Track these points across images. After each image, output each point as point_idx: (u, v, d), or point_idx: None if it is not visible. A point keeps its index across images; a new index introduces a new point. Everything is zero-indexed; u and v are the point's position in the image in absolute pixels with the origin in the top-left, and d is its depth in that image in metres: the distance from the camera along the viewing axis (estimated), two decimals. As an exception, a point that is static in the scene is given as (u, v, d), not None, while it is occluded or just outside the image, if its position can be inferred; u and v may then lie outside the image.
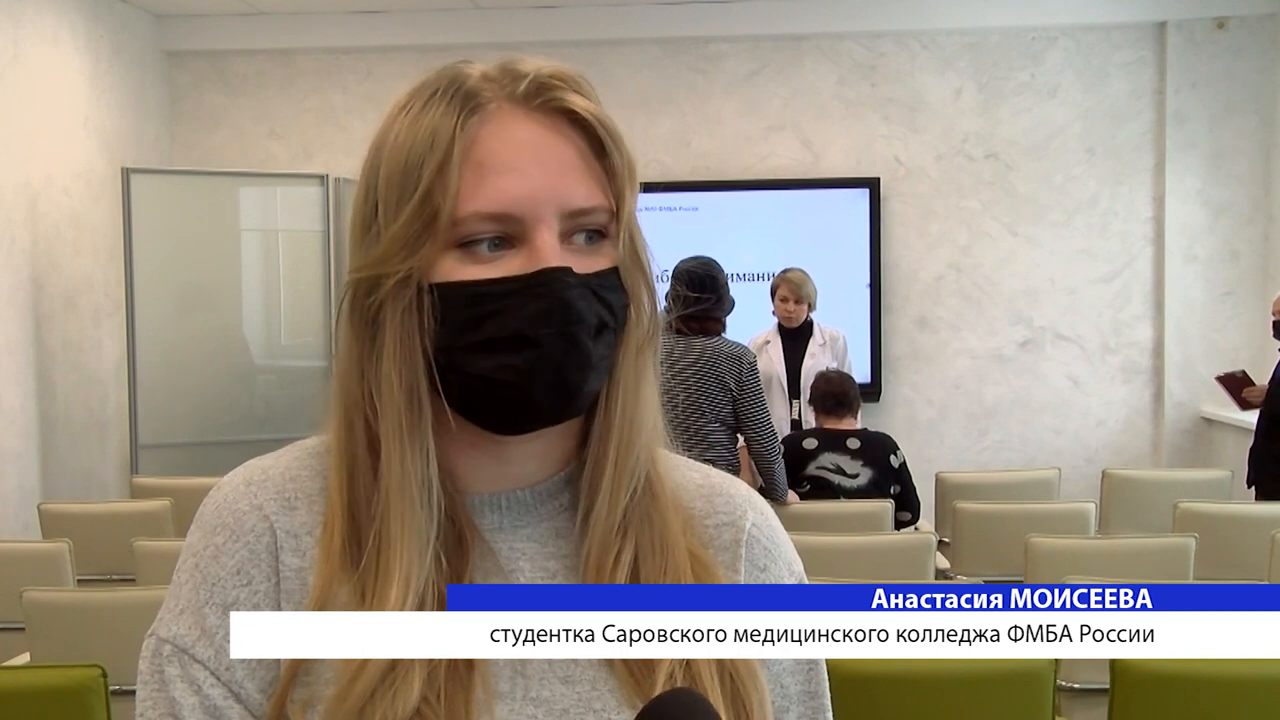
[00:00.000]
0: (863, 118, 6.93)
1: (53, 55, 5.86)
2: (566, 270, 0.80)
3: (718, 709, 0.81)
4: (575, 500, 0.88)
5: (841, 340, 5.40)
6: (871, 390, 6.66)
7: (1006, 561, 3.80)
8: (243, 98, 7.15)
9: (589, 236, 0.83)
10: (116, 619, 2.86)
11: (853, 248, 6.86)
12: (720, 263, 4.32)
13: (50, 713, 2.28)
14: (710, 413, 4.11)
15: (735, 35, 6.89)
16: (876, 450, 4.36)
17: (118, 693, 2.37)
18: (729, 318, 4.32)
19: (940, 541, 4.26)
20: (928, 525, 4.76)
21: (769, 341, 5.31)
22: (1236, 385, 5.85)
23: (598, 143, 0.83)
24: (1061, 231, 6.87)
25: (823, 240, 6.79)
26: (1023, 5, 6.75)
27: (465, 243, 0.81)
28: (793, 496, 4.23)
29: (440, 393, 0.82)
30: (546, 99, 0.82)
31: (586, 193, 0.82)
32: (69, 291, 5.99)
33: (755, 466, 4.20)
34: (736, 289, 4.42)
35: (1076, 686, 3.00)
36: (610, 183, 0.83)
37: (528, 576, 0.86)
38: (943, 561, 4.21)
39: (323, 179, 6.32)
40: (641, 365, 0.87)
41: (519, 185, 0.80)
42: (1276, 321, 5.16)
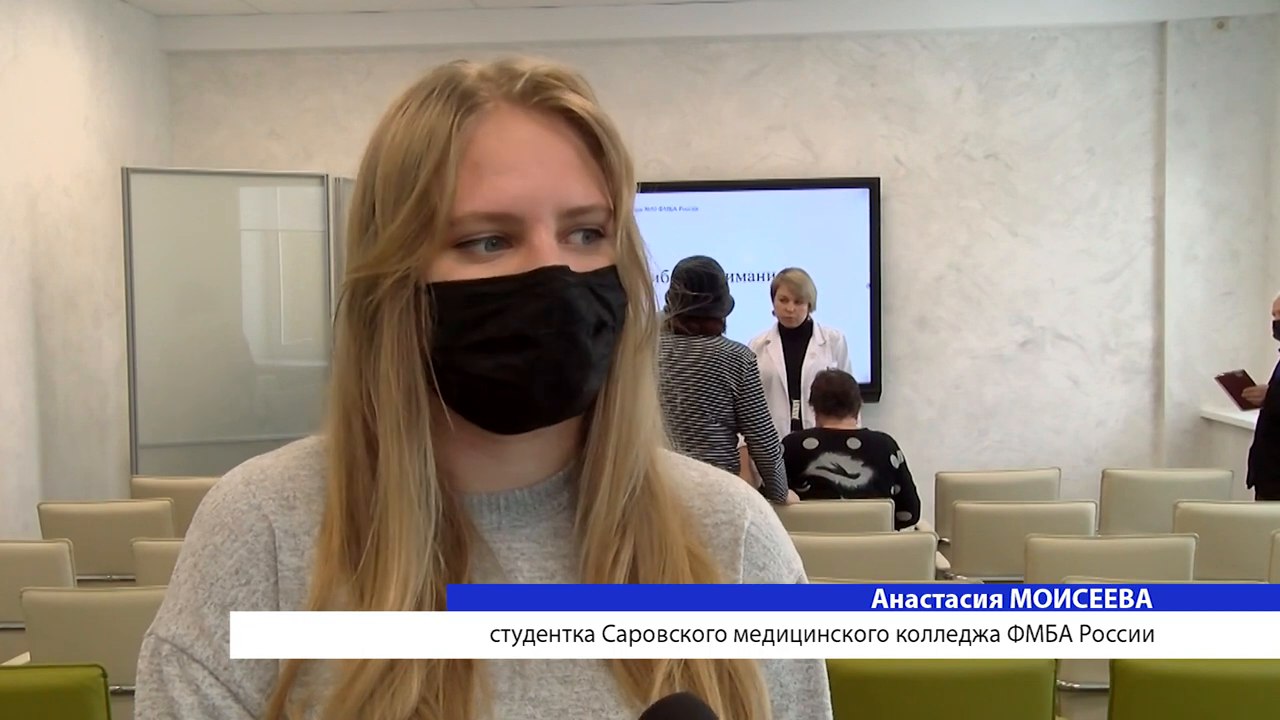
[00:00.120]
0: (863, 118, 6.93)
1: (53, 55, 5.86)
2: (564, 269, 0.80)
3: (716, 708, 0.81)
4: (574, 500, 0.88)
5: (841, 340, 5.40)
6: (871, 390, 6.66)
7: (1006, 561, 3.80)
8: (243, 98, 7.15)
9: (586, 236, 0.83)
10: (116, 619, 2.86)
11: (853, 248, 6.86)
12: (720, 263, 4.32)
13: (50, 713, 2.28)
14: (710, 412, 4.11)
15: (735, 35, 6.89)
16: (877, 450, 4.36)
17: (118, 693, 2.37)
18: (729, 318, 4.32)
19: (940, 541, 4.26)
20: (928, 525, 4.76)
21: (769, 341, 5.31)
22: (1236, 385, 5.85)
23: (595, 141, 0.83)
24: (1061, 231, 6.87)
25: (823, 240, 6.79)
26: (1023, 5, 6.75)
27: (463, 242, 0.80)
28: (793, 496, 4.23)
29: (438, 392, 0.82)
30: (544, 98, 0.82)
31: (584, 191, 0.82)
32: (69, 291, 5.99)
33: (755, 466, 4.20)
34: (736, 289, 4.42)
35: (1076, 686, 3.00)
36: (608, 181, 0.83)
37: (526, 576, 0.86)
38: (943, 561, 4.21)
39: (323, 179, 6.32)
40: (640, 364, 0.87)
41: (517, 185, 0.80)
42: (1276, 321, 5.16)
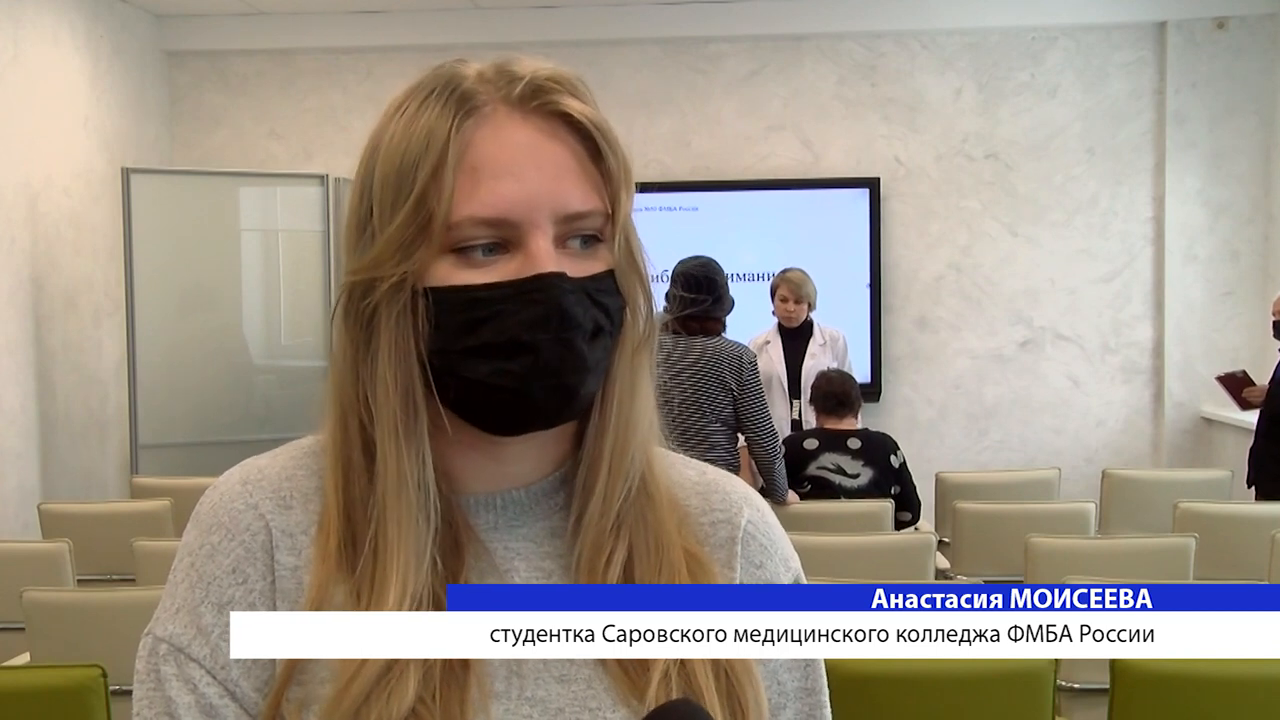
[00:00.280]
0: (863, 118, 6.93)
1: (53, 55, 5.86)
2: (561, 276, 0.80)
3: (713, 707, 0.81)
4: (570, 500, 0.88)
5: (842, 340, 5.40)
6: (871, 390, 6.66)
7: (1006, 561, 3.80)
8: (243, 98, 7.15)
9: (584, 241, 0.83)
10: (116, 619, 2.86)
11: (853, 248, 6.86)
12: (720, 263, 4.32)
13: (50, 713, 2.28)
14: (711, 412, 4.11)
15: (735, 35, 6.89)
16: (877, 450, 4.36)
17: (118, 693, 2.37)
18: (729, 318, 4.33)
19: (940, 541, 4.26)
20: (928, 525, 4.76)
21: (769, 341, 5.31)
22: (1237, 385, 5.85)
23: (593, 146, 0.83)
24: (1061, 231, 6.87)
25: (823, 240, 6.79)
26: (1023, 5, 6.75)
27: (460, 247, 0.80)
28: (793, 496, 4.24)
29: (435, 395, 0.82)
30: (543, 102, 0.82)
31: (582, 196, 0.81)
32: (69, 291, 5.99)
33: (756, 466, 4.20)
34: (736, 289, 4.42)
35: (1076, 686, 3.00)
36: (606, 186, 0.83)
37: (523, 576, 0.86)
38: (943, 561, 4.21)
39: (323, 179, 6.32)
40: (638, 367, 0.87)
41: (514, 190, 0.80)
42: (1277, 321, 5.16)
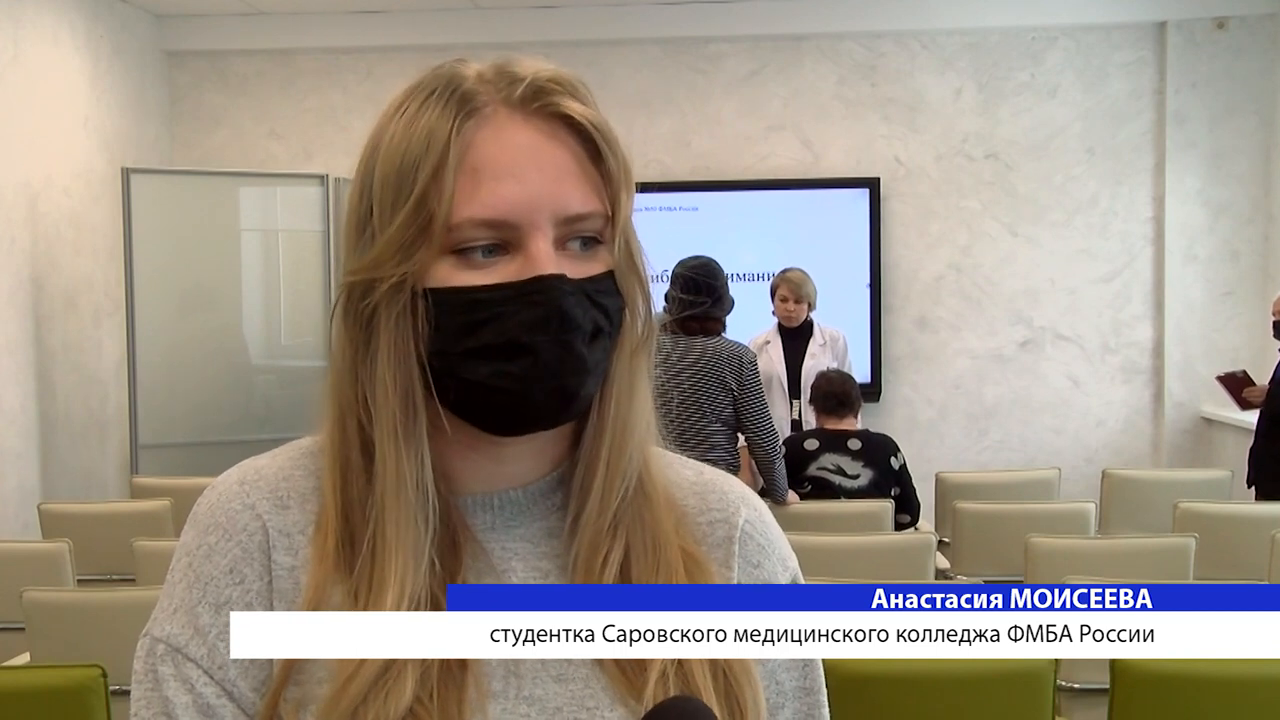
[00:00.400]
0: (863, 118, 6.93)
1: (53, 55, 5.86)
2: (561, 278, 0.80)
3: (711, 707, 0.81)
4: (567, 500, 0.88)
5: (842, 340, 5.40)
6: (871, 390, 6.66)
7: (1006, 561, 3.80)
8: (243, 98, 7.15)
9: (584, 242, 0.83)
10: (116, 619, 2.86)
11: (853, 248, 6.86)
12: (720, 263, 4.32)
13: (50, 713, 2.28)
14: (711, 412, 4.11)
15: (735, 35, 6.89)
16: (877, 451, 4.36)
17: (118, 693, 2.36)
18: (729, 318, 4.33)
19: (940, 541, 4.26)
20: (928, 525, 4.76)
21: (769, 341, 5.31)
22: (1237, 385, 5.85)
23: (594, 147, 0.83)
24: (1061, 231, 6.87)
25: (823, 240, 6.79)
26: (1023, 5, 6.75)
27: (460, 248, 0.80)
28: (793, 496, 4.24)
29: (434, 396, 0.82)
30: (544, 104, 0.82)
31: (582, 199, 0.81)
32: (69, 291, 5.99)
33: (756, 466, 4.20)
34: (736, 289, 4.42)
35: (1076, 686, 3.00)
36: (606, 188, 0.83)
37: (520, 576, 0.86)
38: (943, 561, 4.21)
39: (323, 179, 6.32)
40: (636, 368, 0.87)
41: (515, 192, 0.80)
42: (1277, 321, 5.16)
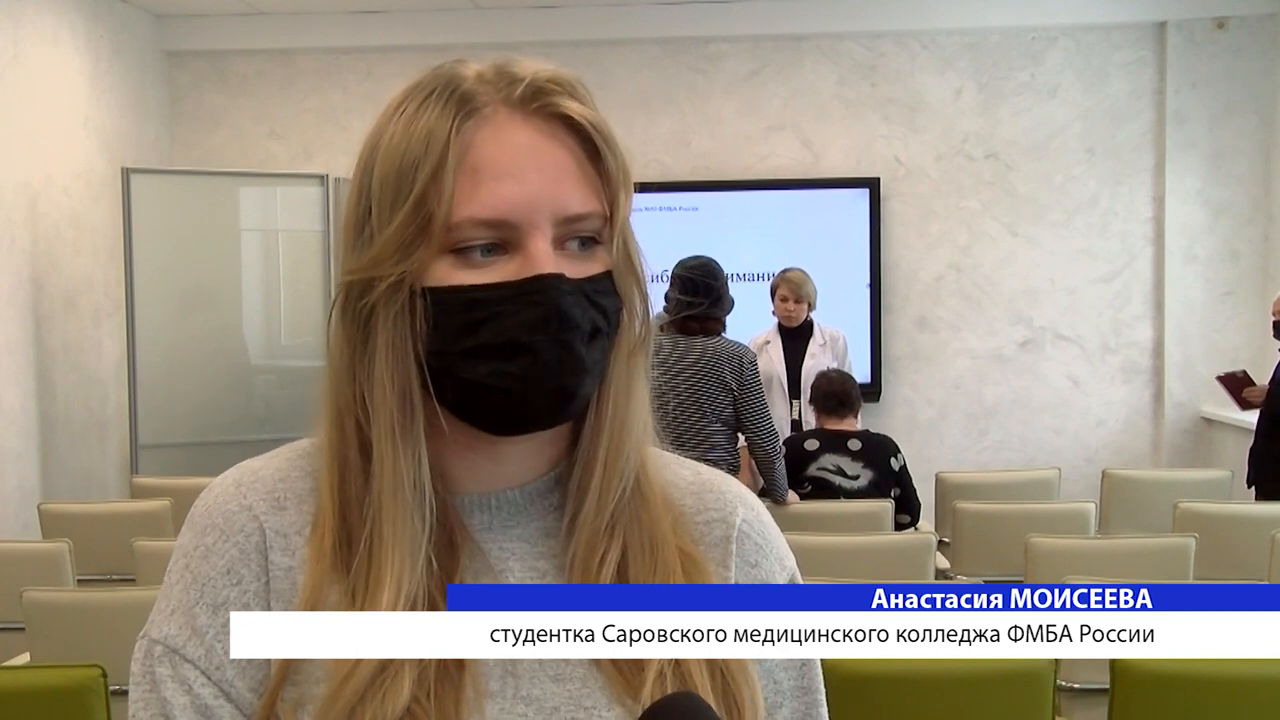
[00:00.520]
0: (863, 118, 6.93)
1: (53, 55, 5.86)
2: (560, 277, 0.80)
3: (709, 703, 0.81)
4: (565, 501, 0.88)
5: (842, 340, 5.40)
6: (871, 390, 6.66)
7: (1006, 561, 3.80)
8: (243, 98, 7.15)
9: (583, 243, 0.83)
10: (116, 619, 2.86)
11: (853, 248, 6.86)
12: (720, 263, 4.32)
13: (50, 713, 2.28)
14: (711, 412, 4.11)
15: (735, 35, 6.89)
16: (877, 452, 4.36)
17: (118, 693, 2.36)
18: (729, 318, 4.33)
19: (940, 541, 4.26)
20: (928, 525, 4.76)
21: (769, 341, 5.31)
22: (1237, 385, 5.85)
23: (593, 148, 0.83)
24: (1061, 231, 6.87)
25: (823, 240, 6.79)
26: (1023, 5, 6.75)
27: (459, 248, 0.80)
28: (793, 497, 4.23)
29: (432, 395, 0.82)
30: (543, 104, 0.82)
31: (581, 199, 0.82)
32: (69, 291, 5.99)
33: (756, 466, 4.20)
34: (736, 289, 4.42)
35: (1076, 686, 3.00)
36: (605, 188, 0.83)
37: (517, 576, 0.86)
38: (943, 561, 4.21)
39: (323, 179, 6.32)
40: (633, 368, 0.87)
41: (515, 192, 0.80)
42: (1277, 321, 5.16)
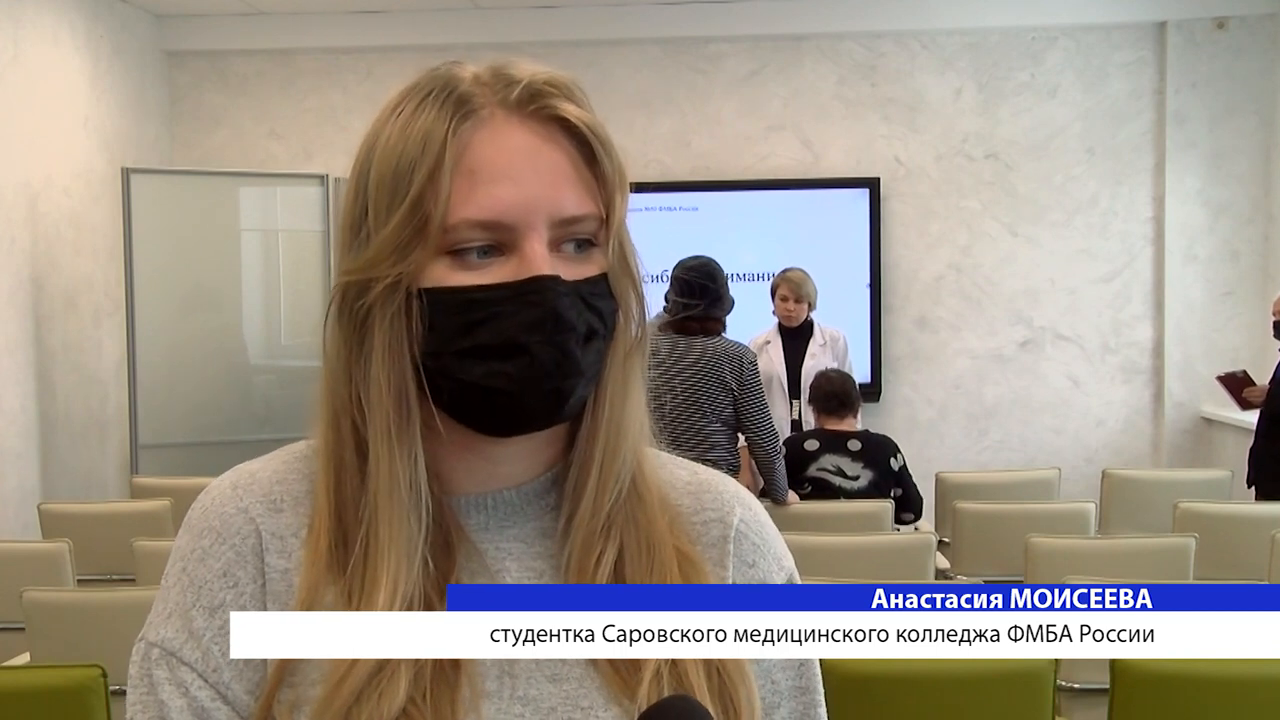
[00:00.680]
0: (863, 118, 6.93)
1: (53, 55, 5.86)
2: (556, 279, 0.80)
3: (705, 706, 0.81)
4: (561, 501, 0.88)
5: (842, 340, 5.40)
6: (871, 390, 6.66)
7: (1006, 561, 3.80)
8: (243, 98, 7.15)
9: (579, 245, 0.83)
10: (116, 619, 2.86)
11: (853, 248, 6.86)
12: (720, 263, 4.32)
13: (50, 713, 2.28)
14: (711, 412, 4.11)
15: (735, 35, 6.89)
16: (877, 453, 4.36)
17: (117, 693, 2.36)
18: (729, 318, 4.32)
19: (940, 541, 4.26)
20: (928, 525, 4.76)
21: (769, 341, 5.30)
22: (1237, 385, 5.85)
23: (589, 150, 0.83)
24: (1061, 231, 6.87)
25: (823, 240, 6.79)
26: (1023, 5, 6.75)
27: (455, 249, 0.80)
28: (793, 496, 4.23)
29: (428, 396, 0.82)
30: (540, 106, 0.82)
31: (577, 201, 0.82)
32: (69, 291, 5.99)
33: (756, 466, 4.20)
34: (736, 289, 4.42)
35: (1076, 686, 3.00)
36: (601, 190, 0.83)
37: (514, 577, 0.86)
38: (943, 561, 4.21)
39: (323, 179, 6.32)
40: (629, 370, 0.87)
41: (511, 194, 0.80)
42: (1277, 321, 5.16)
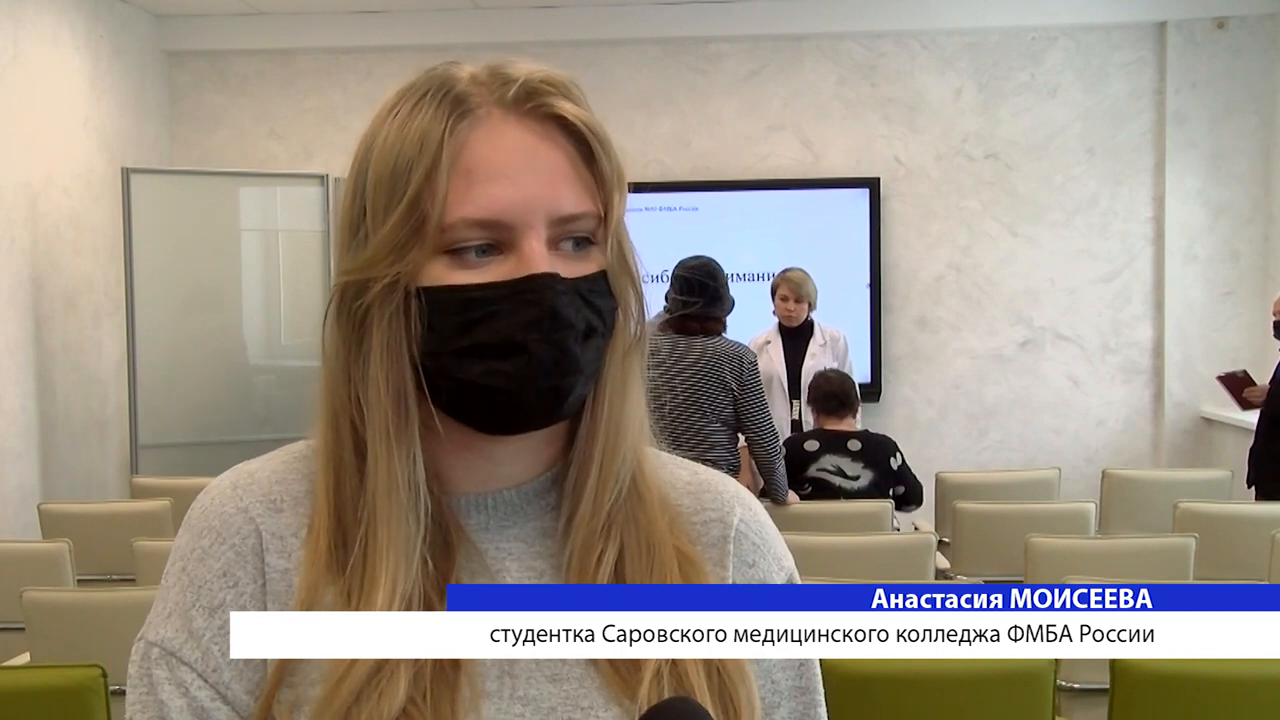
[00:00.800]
0: (863, 118, 6.93)
1: (53, 55, 5.86)
2: (554, 277, 0.80)
3: (705, 706, 0.81)
4: (561, 501, 0.88)
5: (842, 340, 5.40)
6: (871, 390, 6.66)
7: (1006, 561, 3.80)
8: (243, 98, 7.15)
9: (577, 243, 0.83)
10: (116, 619, 2.86)
11: (853, 248, 6.85)
12: (720, 263, 4.32)
13: (50, 713, 2.28)
14: (711, 412, 4.10)
15: (735, 35, 6.89)
16: (877, 452, 4.36)
17: (117, 693, 2.36)
18: (729, 318, 4.32)
19: (940, 541, 4.26)
20: (928, 525, 4.76)
21: (769, 341, 5.30)
22: (1237, 385, 5.85)
23: (587, 148, 0.83)
24: (1061, 231, 6.87)
25: (823, 240, 6.79)
26: (1023, 5, 6.75)
27: (453, 249, 0.80)
28: (793, 496, 4.23)
29: (427, 396, 0.82)
30: (537, 105, 0.82)
31: (575, 199, 0.82)
32: (69, 291, 5.99)
33: (756, 466, 4.20)
34: (736, 289, 4.42)
35: (1076, 686, 3.00)
36: (599, 189, 0.83)
37: (514, 576, 0.86)
38: (943, 561, 4.21)
39: (323, 179, 6.32)
40: (628, 369, 0.87)
41: (509, 192, 0.80)
42: (1277, 321, 5.16)
